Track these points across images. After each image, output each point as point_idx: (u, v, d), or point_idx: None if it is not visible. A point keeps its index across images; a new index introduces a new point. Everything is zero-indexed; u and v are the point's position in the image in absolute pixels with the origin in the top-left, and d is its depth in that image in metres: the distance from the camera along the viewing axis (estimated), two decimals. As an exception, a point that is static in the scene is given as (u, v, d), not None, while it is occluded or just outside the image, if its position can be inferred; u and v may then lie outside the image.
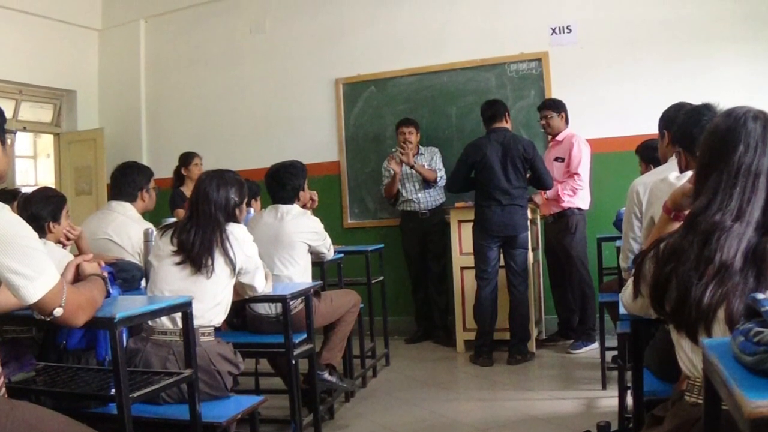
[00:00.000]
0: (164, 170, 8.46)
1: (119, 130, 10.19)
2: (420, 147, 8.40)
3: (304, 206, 5.95)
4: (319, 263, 6.17)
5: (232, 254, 4.23)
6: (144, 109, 10.18)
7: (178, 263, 4.19)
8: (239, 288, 4.49)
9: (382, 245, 7.77)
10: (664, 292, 2.38)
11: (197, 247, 4.18)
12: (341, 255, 6.71)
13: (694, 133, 3.37)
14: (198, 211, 4.32)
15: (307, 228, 5.70)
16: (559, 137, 7.61)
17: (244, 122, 9.66)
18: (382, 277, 7.57)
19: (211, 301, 4.17)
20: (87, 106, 10.27)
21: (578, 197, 7.42)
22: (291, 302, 4.75)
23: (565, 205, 7.41)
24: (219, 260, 4.20)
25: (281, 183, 5.75)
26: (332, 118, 9.25)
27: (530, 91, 8.44)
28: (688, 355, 2.36)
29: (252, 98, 9.64)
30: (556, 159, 7.59)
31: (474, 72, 8.65)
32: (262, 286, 4.54)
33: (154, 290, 4.22)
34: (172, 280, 4.18)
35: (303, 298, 5.09)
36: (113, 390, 3.21)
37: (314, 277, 5.95)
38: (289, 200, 5.77)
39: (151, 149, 10.09)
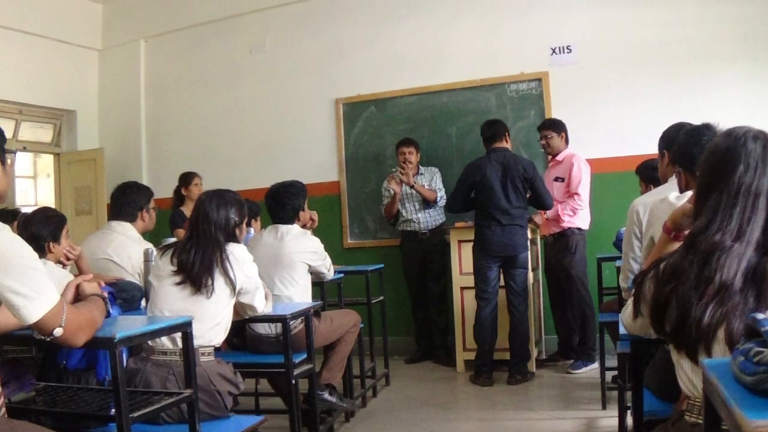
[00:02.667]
0: (164, 190, 8.47)
1: (119, 150, 10.21)
2: (420, 167, 8.39)
3: (304, 226, 5.94)
4: (319, 283, 6.16)
5: (232, 274, 4.22)
6: (144, 129, 10.20)
7: (178, 283, 4.18)
8: (239, 308, 4.46)
9: (382, 265, 7.74)
10: (664, 312, 2.38)
11: (197, 267, 4.17)
12: (341, 275, 6.68)
13: (694, 153, 3.38)
14: (198, 231, 4.32)
15: (307, 248, 5.68)
16: (559, 157, 7.61)
17: (244, 142, 9.67)
18: (382, 297, 7.53)
19: (211, 321, 4.15)
20: (87, 126, 10.28)
21: (578, 217, 7.42)
22: (291, 322, 4.72)
23: (565, 225, 7.41)
24: (219, 280, 4.19)
25: (281, 203, 5.74)
26: (332, 138, 9.27)
27: (530, 111, 8.45)
28: (688, 375, 2.36)
29: (252, 118, 9.65)
30: (556, 179, 7.59)
31: (474, 92, 8.67)
32: (262, 306, 4.51)
33: (154, 310, 4.21)
34: (172, 300, 4.17)
35: (303, 318, 5.07)
36: (113, 410, 3.18)
37: (314, 297, 5.93)
38: (289, 220, 5.76)
39: (151, 169, 10.10)
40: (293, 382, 4.76)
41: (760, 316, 1.81)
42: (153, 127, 10.19)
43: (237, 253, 4.32)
